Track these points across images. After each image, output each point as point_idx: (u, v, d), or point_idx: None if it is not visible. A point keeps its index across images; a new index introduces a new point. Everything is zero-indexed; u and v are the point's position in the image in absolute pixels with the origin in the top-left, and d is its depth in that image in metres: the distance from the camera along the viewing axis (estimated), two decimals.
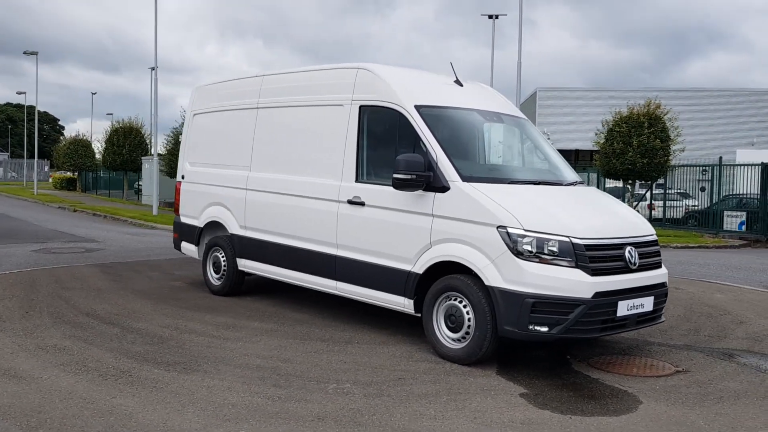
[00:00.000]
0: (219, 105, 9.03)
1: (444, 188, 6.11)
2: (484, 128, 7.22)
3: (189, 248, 9.42)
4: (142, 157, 36.88)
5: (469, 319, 5.91)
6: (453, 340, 6.06)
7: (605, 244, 5.80)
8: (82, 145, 47.15)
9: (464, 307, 5.94)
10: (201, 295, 8.85)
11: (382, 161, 6.88)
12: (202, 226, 9.06)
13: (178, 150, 30.24)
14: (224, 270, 8.70)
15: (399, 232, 6.47)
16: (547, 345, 6.59)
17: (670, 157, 23.63)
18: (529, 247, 5.60)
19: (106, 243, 15.80)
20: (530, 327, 5.54)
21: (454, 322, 6.03)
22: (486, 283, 5.75)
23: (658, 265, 6.29)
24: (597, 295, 5.57)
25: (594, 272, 5.61)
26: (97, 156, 45.33)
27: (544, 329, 5.54)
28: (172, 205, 33.38)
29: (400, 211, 6.46)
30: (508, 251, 5.64)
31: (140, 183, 40.38)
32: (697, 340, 7.21)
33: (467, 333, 5.94)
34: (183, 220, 9.51)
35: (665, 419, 4.80)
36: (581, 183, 7.09)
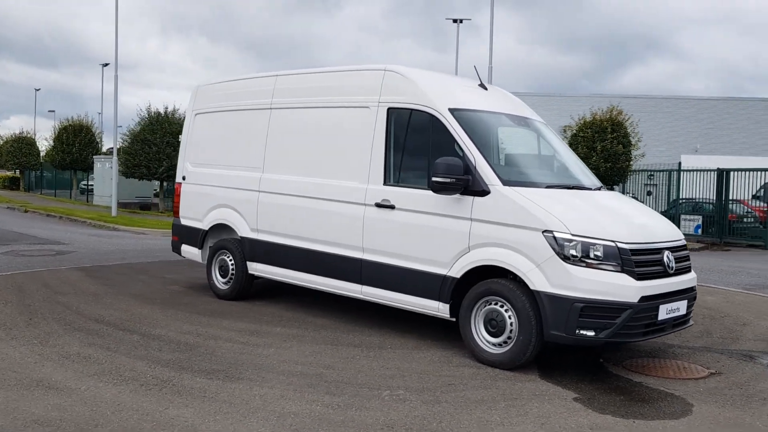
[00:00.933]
0: (225, 105, 8.80)
1: (484, 192, 6.09)
2: (512, 132, 7.23)
3: (191, 251, 9.15)
4: (94, 156, 35.76)
5: (511, 324, 5.90)
6: (493, 344, 6.04)
7: (647, 249, 5.88)
8: (26, 143, 45.42)
9: (506, 311, 5.93)
10: (207, 299, 8.61)
11: (413, 164, 6.83)
12: (206, 228, 8.81)
13: (135, 149, 29.32)
14: (232, 274, 8.48)
15: (433, 235, 6.41)
16: (580, 349, 6.64)
17: (631, 162, 24.30)
18: (575, 252, 5.63)
19: (73, 245, 15.24)
20: (578, 331, 5.57)
21: (495, 326, 6.01)
22: (531, 287, 5.75)
23: (689, 269, 6.42)
24: (642, 299, 5.64)
25: (639, 277, 5.68)
26: (43, 154, 43.80)
27: (591, 333, 5.58)
28: (127, 206, 32.34)
29: (434, 214, 6.41)
30: (555, 255, 5.65)
31: (87, 183, 39.15)
32: (712, 342, 7.39)
33: (509, 338, 5.93)
34: (184, 222, 9.23)
35: (723, 421, 4.88)
36: (604, 188, 7.18)
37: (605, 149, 23.08)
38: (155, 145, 27.81)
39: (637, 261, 5.71)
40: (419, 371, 5.83)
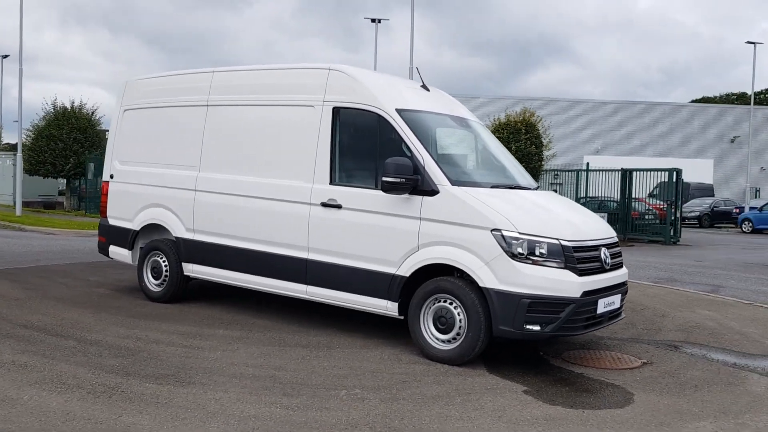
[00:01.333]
0: (157, 101, 8.54)
1: (433, 192, 6.20)
2: (455, 133, 7.38)
3: (119, 253, 8.82)
4: None
5: (460, 320, 6.04)
6: (442, 341, 6.16)
7: (587, 246, 6.15)
8: None
9: (455, 308, 6.07)
10: (139, 302, 8.33)
11: (360, 164, 6.86)
12: (137, 229, 8.52)
13: (40, 145, 27.87)
14: (166, 275, 8.24)
15: (382, 235, 6.47)
16: (519, 343, 6.85)
17: (543, 162, 25.24)
18: (521, 250, 5.82)
19: None
20: (525, 326, 5.77)
21: (444, 323, 6.13)
22: (480, 284, 5.90)
23: (621, 265, 6.76)
24: (584, 294, 5.90)
25: (580, 273, 5.93)
26: None
27: (537, 328, 5.79)
28: (30, 205, 30.75)
29: (383, 214, 6.47)
30: (504, 253, 5.83)
31: None
32: (638, 333, 7.80)
33: (458, 334, 6.06)
34: (112, 222, 8.89)
35: (663, 408, 5.18)
36: (540, 188, 7.45)
37: (519, 150, 23.85)
38: (62, 141, 26.60)
39: (578, 258, 5.96)
40: (372, 370, 5.88)
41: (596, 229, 6.58)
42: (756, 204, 35.03)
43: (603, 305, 6.19)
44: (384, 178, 6.21)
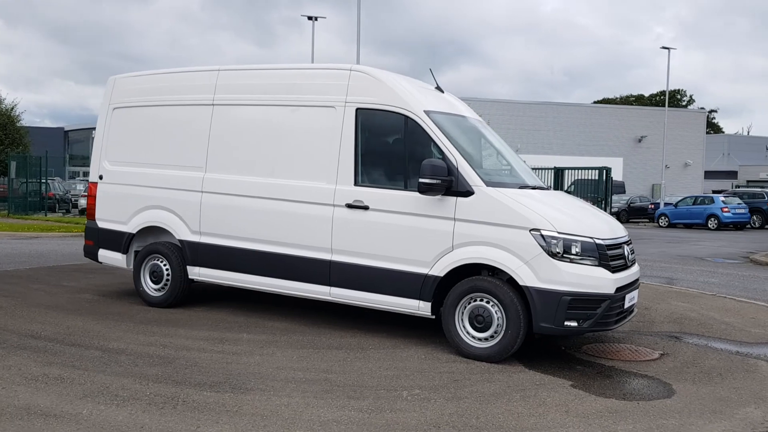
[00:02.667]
0: (152, 99, 8.24)
1: (468, 193, 6.30)
2: (474, 134, 7.48)
3: (111, 257, 8.45)
4: None
5: (498, 318, 6.16)
6: (479, 339, 6.26)
7: (615, 244, 6.40)
8: None
9: (492, 307, 6.19)
10: (137, 308, 8.02)
11: (386, 165, 6.88)
12: (133, 232, 8.19)
13: None
14: (167, 280, 7.98)
15: (413, 235, 6.51)
16: (540, 339, 7.05)
17: None
18: (559, 248, 6.01)
19: None
20: (565, 323, 5.96)
21: (481, 322, 6.24)
22: (521, 282, 6.05)
23: (635, 261, 7.07)
24: (617, 290, 6.15)
25: (612, 270, 6.18)
26: None
27: (575, 324, 5.99)
28: None
29: (414, 215, 6.51)
30: (543, 252, 5.99)
31: None
32: (636, 326, 8.16)
33: (496, 332, 6.19)
34: (102, 225, 8.51)
35: (706, 396, 5.48)
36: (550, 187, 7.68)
37: None
38: None
39: (610, 255, 6.21)
40: (417, 370, 5.92)
41: (617, 227, 6.87)
42: (671, 200, 37.04)
43: (628, 300, 6.46)
44: (421, 180, 6.25)
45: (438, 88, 7.55)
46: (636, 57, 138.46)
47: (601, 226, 6.48)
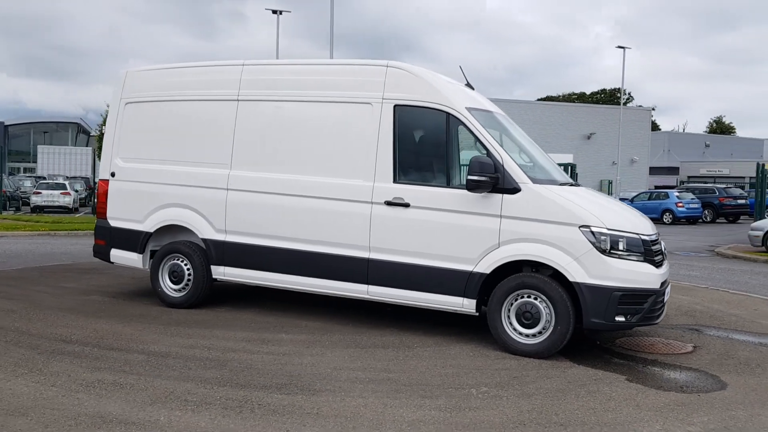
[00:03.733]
0: (169, 94, 8.00)
1: (515, 190, 6.32)
2: (510, 131, 7.49)
3: (125, 257, 8.17)
4: None
5: (547, 315, 6.21)
6: (527, 336, 6.30)
7: (655, 240, 6.54)
8: None
9: (540, 303, 6.24)
10: (157, 308, 7.80)
11: (426, 162, 6.85)
12: (151, 231, 7.94)
13: None
14: (189, 280, 7.77)
15: (457, 233, 6.50)
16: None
17: None
18: (608, 245, 6.10)
19: None
20: (615, 318, 6.05)
21: (529, 318, 6.28)
22: (571, 279, 6.11)
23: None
24: (661, 284, 6.28)
25: (656, 265, 6.31)
26: None
27: (624, 319, 6.09)
28: None
29: (458, 212, 6.50)
30: (594, 249, 6.07)
31: None
32: None
33: (544, 328, 6.23)
34: (115, 224, 8.21)
35: (758, 387, 5.63)
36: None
37: None
38: None
39: (654, 250, 6.34)
40: (474, 367, 5.91)
41: (651, 222, 7.00)
42: (626, 196, 38.03)
43: (665, 294, 6.60)
44: (469, 177, 6.25)
45: (468, 84, 7.55)
46: (574, 56, 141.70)
47: (641, 222, 6.60)
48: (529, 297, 6.29)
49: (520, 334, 6.33)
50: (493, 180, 6.28)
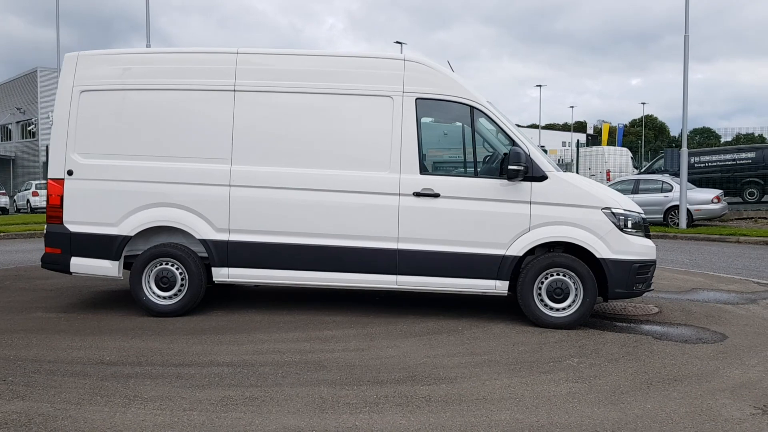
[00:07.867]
0: (140, 83, 7.26)
1: (542, 178, 6.86)
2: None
3: (92, 265, 7.24)
4: None
5: (576, 289, 6.87)
6: (558, 309, 6.90)
7: (646, 218, 7.51)
8: None
9: (570, 279, 6.87)
10: (154, 319, 7.09)
11: (451, 153, 7.12)
12: (130, 234, 7.15)
13: None
14: (182, 285, 7.17)
15: (489, 220, 6.88)
16: None
17: None
18: (623, 224, 6.91)
19: None
20: (633, 287, 6.90)
21: (559, 294, 6.88)
22: (598, 256, 6.82)
23: None
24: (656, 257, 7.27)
25: (651, 239, 7.28)
26: None
27: (640, 287, 6.98)
28: None
29: (488, 200, 6.88)
30: (615, 228, 6.84)
31: None
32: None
33: (573, 302, 6.89)
34: (76, 229, 7.24)
35: (752, 333, 6.79)
36: None
37: None
38: None
39: (647, 227, 7.30)
40: (534, 343, 6.35)
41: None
42: None
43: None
44: (510, 167, 6.67)
45: None
46: (310, 46, 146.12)
47: (632, 203, 7.54)
48: (558, 274, 6.89)
49: (551, 309, 6.92)
50: (526, 169, 6.76)
